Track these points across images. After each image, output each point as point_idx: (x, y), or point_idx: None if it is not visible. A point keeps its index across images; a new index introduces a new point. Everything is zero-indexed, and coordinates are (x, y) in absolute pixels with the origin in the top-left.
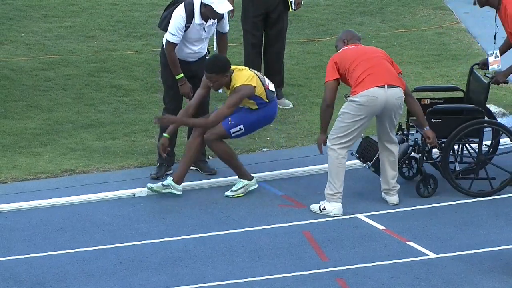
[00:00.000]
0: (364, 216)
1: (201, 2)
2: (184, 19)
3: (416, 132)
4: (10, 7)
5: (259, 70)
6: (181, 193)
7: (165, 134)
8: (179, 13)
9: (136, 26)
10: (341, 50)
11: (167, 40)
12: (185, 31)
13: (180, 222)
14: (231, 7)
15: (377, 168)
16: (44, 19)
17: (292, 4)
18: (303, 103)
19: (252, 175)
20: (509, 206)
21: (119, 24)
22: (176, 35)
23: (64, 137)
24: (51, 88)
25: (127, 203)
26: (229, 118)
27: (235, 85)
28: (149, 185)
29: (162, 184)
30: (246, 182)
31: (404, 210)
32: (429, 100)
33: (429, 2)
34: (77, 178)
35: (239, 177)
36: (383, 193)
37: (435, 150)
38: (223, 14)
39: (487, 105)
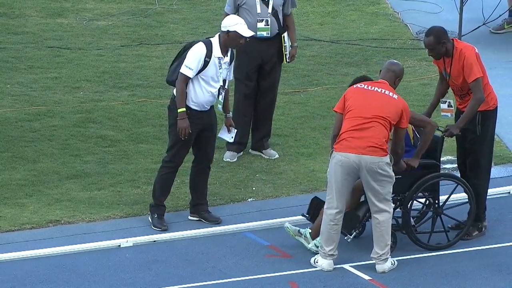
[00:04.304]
0: (350, 266)
1: (221, 32)
2: (205, 53)
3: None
4: None
5: (250, 120)
6: (309, 247)
7: None
8: (200, 48)
9: (121, 77)
10: (356, 86)
11: (181, 73)
12: (203, 67)
13: (166, 273)
14: (253, 33)
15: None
16: (30, 70)
17: (287, 57)
18: (288, 153)
19: (238, 225)
20: (493, 257)
21: (105, 75)
22: (192, 69)
23: (49, 187)
24: (36, 139)
25: (112, 254)
26: None
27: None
28: (287, 224)
29: (299, 230)
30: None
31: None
32: None
33: (413, 54)
34: (62, 228)
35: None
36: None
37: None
38: (233, 57)
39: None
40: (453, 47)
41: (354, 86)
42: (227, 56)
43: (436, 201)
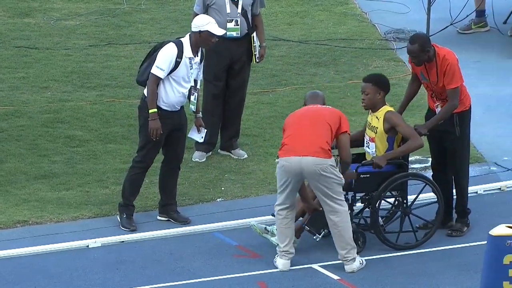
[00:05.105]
0: (319, 266)
1: (192, 32)
2: (176, 53)
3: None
4: None
5: (220, 120)
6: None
7: None
8: (171, 48)
9: (90, 76)
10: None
11: (152, 74)
12: (174, 67)
13: (135, 273)
14: (224, 31)
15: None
16: None
17: (256, 57)
18: (257, 153)
19: (207, 225)
20: (459, 257)
21: (73, 75)
22: (164, 70)
23: (17, 188)
24: (4, 139)
25: (81, 254)
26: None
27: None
28: (253, 222)
29: (265, 228)
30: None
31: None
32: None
33: (382, 54)
34: (30, 229)
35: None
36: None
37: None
38: (203, 57)
39: None
40: (434, 53)
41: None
42: (197, 56)
43: (405, 201)
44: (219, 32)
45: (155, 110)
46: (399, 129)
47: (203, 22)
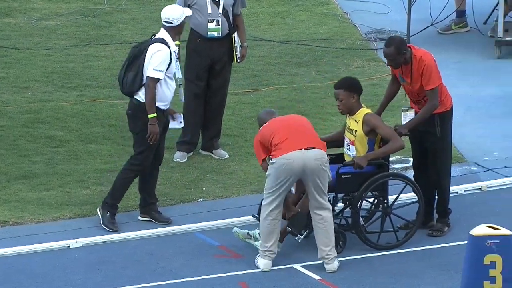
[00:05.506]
0: (300, 266)
1: (172, 26)
2: (169, 52)
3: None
4: None
5: (201, 120)
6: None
7: None
8: (164, 49)
9: (70, 77)
10: (261, 127)
11: (152, 78)
12: (168, 65)
13: (116, 274)
14: (191, 12)
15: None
16: None
17: (237, 57)
18: (238, 153)
19: (188, 225)
20: (440, 257)
21: (54, 75)
22: (163, 71)
23: None
24: None
25: (61, 255)
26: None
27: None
28: (235, 229)
29: (248, 233)
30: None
31: (339, 260)
32: None
33: (362, 54)
34: (11, 229)
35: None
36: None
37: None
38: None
39: None
40: (411, 55)
41: (267, 123)
42: (175, 45)
43: (385, 201)
44: (188, 12)
45: (155, 114)
46: (379, 131)
47: (180, 12)
